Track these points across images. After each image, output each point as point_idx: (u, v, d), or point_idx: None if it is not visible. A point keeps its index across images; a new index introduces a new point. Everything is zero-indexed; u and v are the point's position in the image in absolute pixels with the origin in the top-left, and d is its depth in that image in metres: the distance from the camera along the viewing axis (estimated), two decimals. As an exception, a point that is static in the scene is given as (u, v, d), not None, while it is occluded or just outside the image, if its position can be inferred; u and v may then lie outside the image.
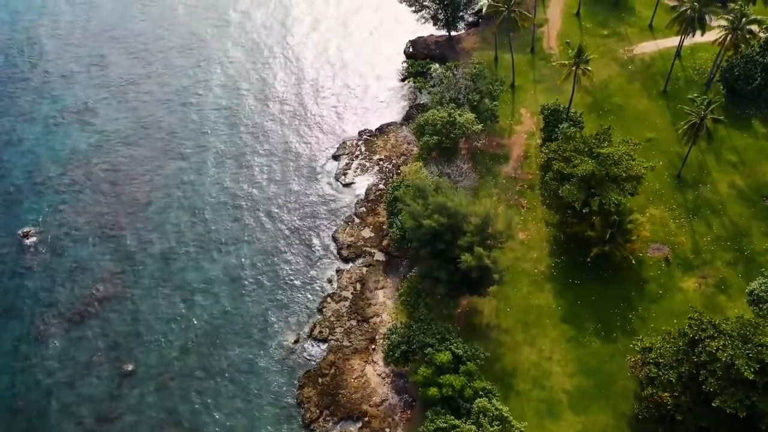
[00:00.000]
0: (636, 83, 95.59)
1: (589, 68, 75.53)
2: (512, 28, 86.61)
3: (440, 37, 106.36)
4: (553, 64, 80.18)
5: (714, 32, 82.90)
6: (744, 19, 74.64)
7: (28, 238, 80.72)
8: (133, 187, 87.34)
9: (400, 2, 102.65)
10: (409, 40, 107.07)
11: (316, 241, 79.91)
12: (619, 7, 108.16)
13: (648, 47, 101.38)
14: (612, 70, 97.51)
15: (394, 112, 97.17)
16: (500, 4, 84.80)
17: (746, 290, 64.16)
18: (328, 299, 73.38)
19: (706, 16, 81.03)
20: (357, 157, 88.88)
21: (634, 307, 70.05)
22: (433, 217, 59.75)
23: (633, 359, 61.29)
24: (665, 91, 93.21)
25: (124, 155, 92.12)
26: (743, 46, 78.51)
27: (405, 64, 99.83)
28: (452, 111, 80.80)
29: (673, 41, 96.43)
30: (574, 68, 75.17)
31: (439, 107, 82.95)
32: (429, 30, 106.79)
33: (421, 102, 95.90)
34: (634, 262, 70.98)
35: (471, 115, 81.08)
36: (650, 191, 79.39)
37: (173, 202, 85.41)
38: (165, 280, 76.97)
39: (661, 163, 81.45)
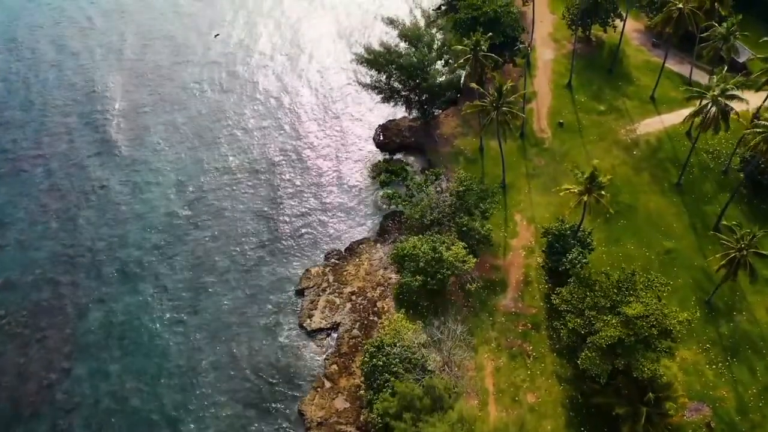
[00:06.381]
0: (644, 174, 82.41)
1: (603, 193, 61.61)
2: (501, 128, 72.23)
3: (415, 119, 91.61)
4: (561, 194, 65.83)
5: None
6: (782, 127, 61.76)
7: None
8: (48, 348, 70.03)
9: (363, 89, 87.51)
10: (379, 125, 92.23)
11: (277, 419, 64.10)
12: (614, 74, 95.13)
13: (652, 125, 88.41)
14: (615, 158, 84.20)
15: (365, 224, 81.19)
16: (486, 104, 70.38)
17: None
18: None
19: (731, 113, 68.01)
20: (324, 290, 73.36)
21: (678, 501, 56.80)
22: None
23: None
24: (679, 183, 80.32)
25: (37, 299, 74.54)
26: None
27: (375, 169, 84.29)
28: (437, 243, 66.19)
29: (680, 116, 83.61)
30: (585, 197, 61.08)
31: (420, 236, 68.27)
32: (401, 111, 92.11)
33: (398, 210, 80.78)
34: (672, 439, 57.71)
35: (460, 246, 66.61)
36: (678, 326, 66.09)
37: (96, 369, 68.12)
38: (88, 485, 60.75)
39: (693, 301, 68.40)
